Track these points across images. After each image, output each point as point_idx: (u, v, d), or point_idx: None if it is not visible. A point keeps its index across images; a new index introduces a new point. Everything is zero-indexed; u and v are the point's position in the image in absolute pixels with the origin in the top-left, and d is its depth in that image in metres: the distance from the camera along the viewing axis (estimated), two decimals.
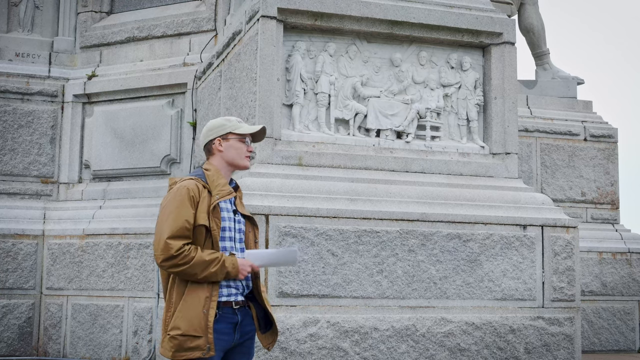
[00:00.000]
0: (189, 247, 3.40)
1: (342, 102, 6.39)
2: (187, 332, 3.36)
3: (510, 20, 6.86)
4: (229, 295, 3.49)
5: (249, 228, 3.67)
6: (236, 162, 3.63)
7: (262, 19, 6.16)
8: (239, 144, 3.63)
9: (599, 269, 9.22)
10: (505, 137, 6.66)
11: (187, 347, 3.36)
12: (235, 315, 3.50)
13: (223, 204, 3.54)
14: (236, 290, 3.51)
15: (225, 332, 3.46)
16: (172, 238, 3.38)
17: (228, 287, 3.49)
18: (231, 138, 3.63)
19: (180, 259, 3.37)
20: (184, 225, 3.40)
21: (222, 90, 7.22)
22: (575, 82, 10.12)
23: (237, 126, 3.65)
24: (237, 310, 3.51)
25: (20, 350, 8.35)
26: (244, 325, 3.54)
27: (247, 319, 3.56)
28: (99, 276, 8.10)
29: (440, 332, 5.94)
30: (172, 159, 8.44)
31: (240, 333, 3.53)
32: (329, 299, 5.76)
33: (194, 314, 3.38)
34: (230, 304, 3.48)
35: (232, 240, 3.55)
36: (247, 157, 3.65)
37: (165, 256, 3.38)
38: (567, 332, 6.26)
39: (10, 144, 8.87)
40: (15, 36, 9.30)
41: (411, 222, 5.99)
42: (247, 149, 3.64)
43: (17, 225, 8.53)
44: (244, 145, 3.64)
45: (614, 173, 9.73)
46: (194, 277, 3.40)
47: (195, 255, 3.38)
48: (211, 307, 3.40)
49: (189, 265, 3.37)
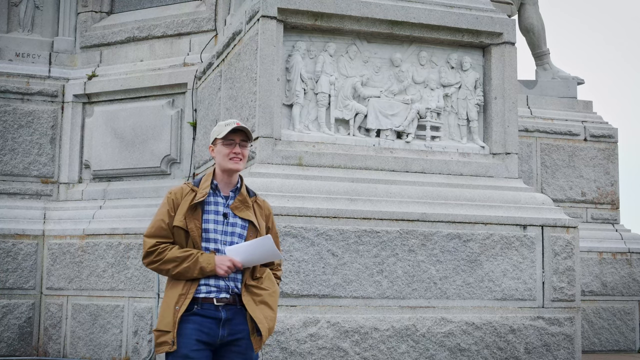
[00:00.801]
0: (164, 245, 3.58)
1: (342, 102, 6.39)
2: (159, 327, 3.55)
3: (511, 20, 6.86)
4: (209, 292, 3.55)
5: (250, 232, 3.69)
6: (223, 167, 3.69)
7: (262, 19, 6.16)
8: (222, 148, 3.69)
9: (599, 269, 9.22)
10: (506, 137, 6.66)
11: (160, 342, 3.53)
12: (219, 312, 3.54)
13: (211, 207, 3.62)
14: (217, 289, 3.56)
15: (205, 325, 3.51)
16: (148, 236, 3.63)
17: (207, 286, 3.56)
18: (218, 143, 3.72)
19: (154, 255, 3.58)
20: (159, 225, 3.61)
21: (222, 90, 7.22)
22: (575, 82, 10.12)
23: (221, 131, 3.72)
24: (220, 307, 3.54)
25: (21, 350, 8.35)
26: (234, 324, 3.57)
27: (238, 318, 3.58)
28: (99, 276, 8.10)
29: (441, 332, 5.94)
30: (172, 159, 8.44)
31: (228, 331, 3.55)
32: (329, 299, 5.77)
33: (167, 310, 3.53)
34: (212, 300, 3.54)
35: (218, 242, 3.59)
36: (232, 159, 3.67)
37: (144, 253, 3.61)
38: (567, 332, 6.26)
39: (10, 144, 8.87)
40: (16, 36, 9.29)
41: (411, 222, 6.00)
42: (230, 151, 3.67)
43: (17, 225, 8.52)
44: (227, 148, 3.68)
45: (614, 173, 9.73)
46: (168, 273, 3.57)
47: (168, 252, 3.56)
48: (184, 304, 3.50)
49: (162, 261, 3.56)
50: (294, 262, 5.69)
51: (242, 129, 3.70)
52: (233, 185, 3.72)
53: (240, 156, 3.69)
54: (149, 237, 3.61)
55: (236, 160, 3.68)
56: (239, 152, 3.69)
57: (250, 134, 3.76)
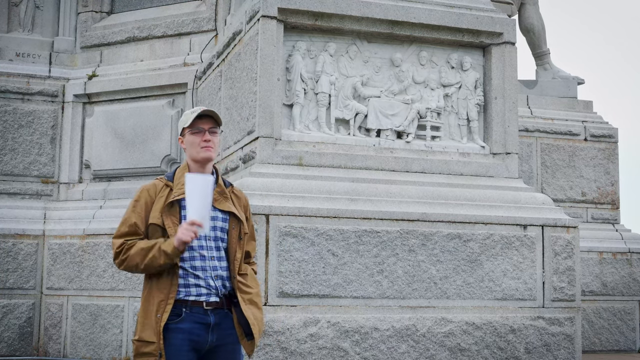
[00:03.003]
0: (130, 241, 3.39)
1: (342, 102, 6.39)
2: (141, 337, 3.34)
3: (511, 20, 6.86)
4: (199, 295, 3.37)
5: (232, 224, 3.49)
6: (194, 157, 3.46)
7: (263, 19, 6.16)
8: (191, 137, 3.46)
9: (599, 269, 9.22)
10: (506, 137, 6.66)
11: (142, 352, 3.34)
12: (207, 316, 3.37)
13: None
14: (207, 290, 3.38)
15: (194, 332, 3.34)
16: (116, 237, 3.42)
17: (197, 287, 3.37)
18: (186, 133, 3.49)
19: (123, 253, 3.38)
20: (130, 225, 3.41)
21: (223, 90, 7.22)
22: (575, 82, 10.12)
23: (187, 119, 3.48)
24: (209, 311, 3.37)
25: (21, 350, 8.35)
26: (223, 328, 3.40)
27: (226, 322, 3.41)
28: (99, 276, 8.11)
29: (441, 332, 5.94)
30: (172, 159, 8.44)
31: (217, 335, 3.39)
32: (329, 299, 5.76)
33: (149, 319, 3.34)
34: (201, 304, 3.36)
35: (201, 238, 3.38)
36: (204, 148, 3.43)
37: (113, 255, 3.41)
38: (568, 332, 6.26)
39: (10, 144, 8.87)
40: (16, 36, 9.30)
41: (411, 222, 6.00)
42: (200, 140, 3.44)
43: (18, 225, 8.53)
44: (196, 137, 3.45)
45: (614, 173, 9.73)
46: (137, 268, 3.37)
47: (133, 247, 3.36)
48: (165, 310, 3.31)
49: (129, 256, 3.37)
50: (294, 262, 5.69)
51: (209, 113, 3.48)
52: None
53: (211, 144, 3.44)
54: (117, 237, 3.41)
55: (207, 149, 3.44)
56: (209, 140, 3.44)
57: (218, 118, 3.53)
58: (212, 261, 3.42)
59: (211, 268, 3.41)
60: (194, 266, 3.39)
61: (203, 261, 3.41)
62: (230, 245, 3.48)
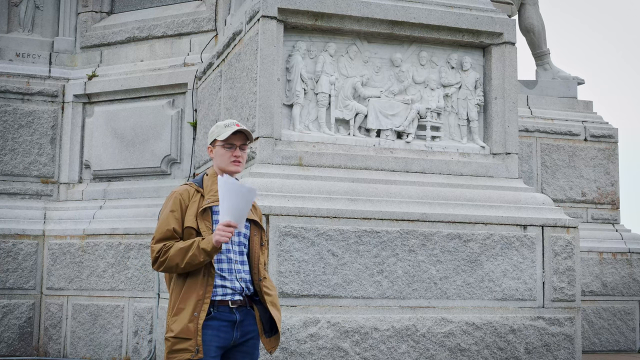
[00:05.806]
0: (168, 244, 3.55)
1: (342, 102, 6.39)
2: (178, 334, 3.49)
3: (511, 20, 6.86)
4: (224, 295, 3.56)
5: (254, 232, 3.72)
6: (222, 168, 3.69)
7: (263, 19, 6.16)
8: (222, 151, 3.68)
9: (599, 269, 9.22)
10: (506, 137, 6.66)
11: (178, 349, 3.50)
12: (233, 314, 3.56)
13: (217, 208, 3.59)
14: (232, 291, 3.57)
15: (221, 329, 3.53)
16: (156, 242, 3.59)
17: (223, 287, 3.56)
18: (217, 145, 3.71)
19: (162, 256, 3.55)
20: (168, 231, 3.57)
21: (223, 91, 7.22)
22: (575, 82, 10.12)
23: (220, 132, 3.69)
24: (234, 309, 3.57)
25: (21, 350, 8.35)
26: (245, 325, 3.60)
27: (248, 319, 3.61)
28: (99, 276, 8.11)
29: (441, 332, 5.95)
30: (172, 159, 8.44)
31: (240, 332, 3.58)
32: (329, 299, 5.77)
33: (186, 316, 3.50)
34: (227, 303, 3.56)
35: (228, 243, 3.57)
36: (233, 163, 3.68)
37: (152, 260, 3.57)
38: (568, 332, 6.26)
39: (10, 144, 8.87)
40: (16, 36, 9.30)
41: (411, 222, 6.00)
42: (231, 154, 3.67)
43: (18, 225, 8.53)
44: (228, 152, 3.67)
45: (614, 173, 9.73)
46: (178, 268, 3.52)
47: (172, 248, 3.52)
48: (202, 309, 3.50)
49: (169, 257, 3.52)
50: (294, 262, 5.69)
51: (242, 131, 3.69)
52: None
53: (241, 159, 3.69)
54: (156, 242, 3.59)
55: (237, 164, 3.69)
56: (239, 155, 3.70)
57: (250, 135, 3.75)
58: (236, 264, 3.63)
59: (236, 271, 3.62)
60: (221, 268, 3.58)
61: (230, 264, 3.60)
62: (253, 251, 3.70)
